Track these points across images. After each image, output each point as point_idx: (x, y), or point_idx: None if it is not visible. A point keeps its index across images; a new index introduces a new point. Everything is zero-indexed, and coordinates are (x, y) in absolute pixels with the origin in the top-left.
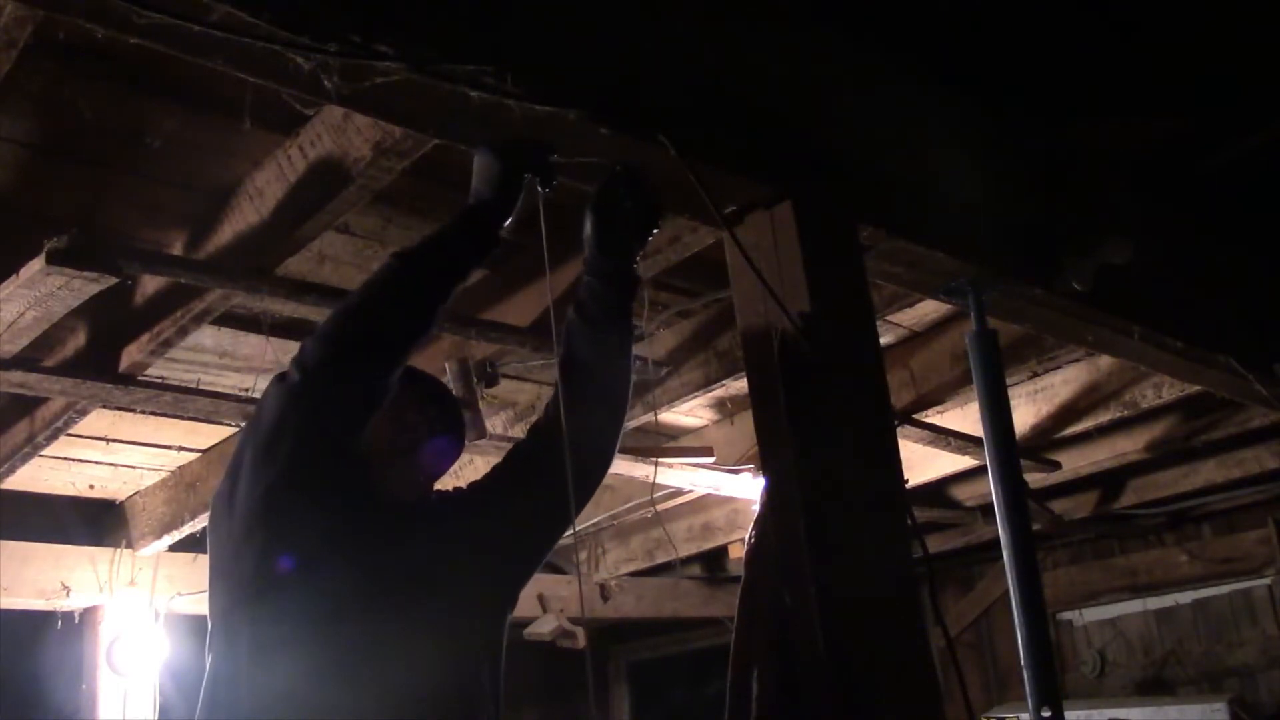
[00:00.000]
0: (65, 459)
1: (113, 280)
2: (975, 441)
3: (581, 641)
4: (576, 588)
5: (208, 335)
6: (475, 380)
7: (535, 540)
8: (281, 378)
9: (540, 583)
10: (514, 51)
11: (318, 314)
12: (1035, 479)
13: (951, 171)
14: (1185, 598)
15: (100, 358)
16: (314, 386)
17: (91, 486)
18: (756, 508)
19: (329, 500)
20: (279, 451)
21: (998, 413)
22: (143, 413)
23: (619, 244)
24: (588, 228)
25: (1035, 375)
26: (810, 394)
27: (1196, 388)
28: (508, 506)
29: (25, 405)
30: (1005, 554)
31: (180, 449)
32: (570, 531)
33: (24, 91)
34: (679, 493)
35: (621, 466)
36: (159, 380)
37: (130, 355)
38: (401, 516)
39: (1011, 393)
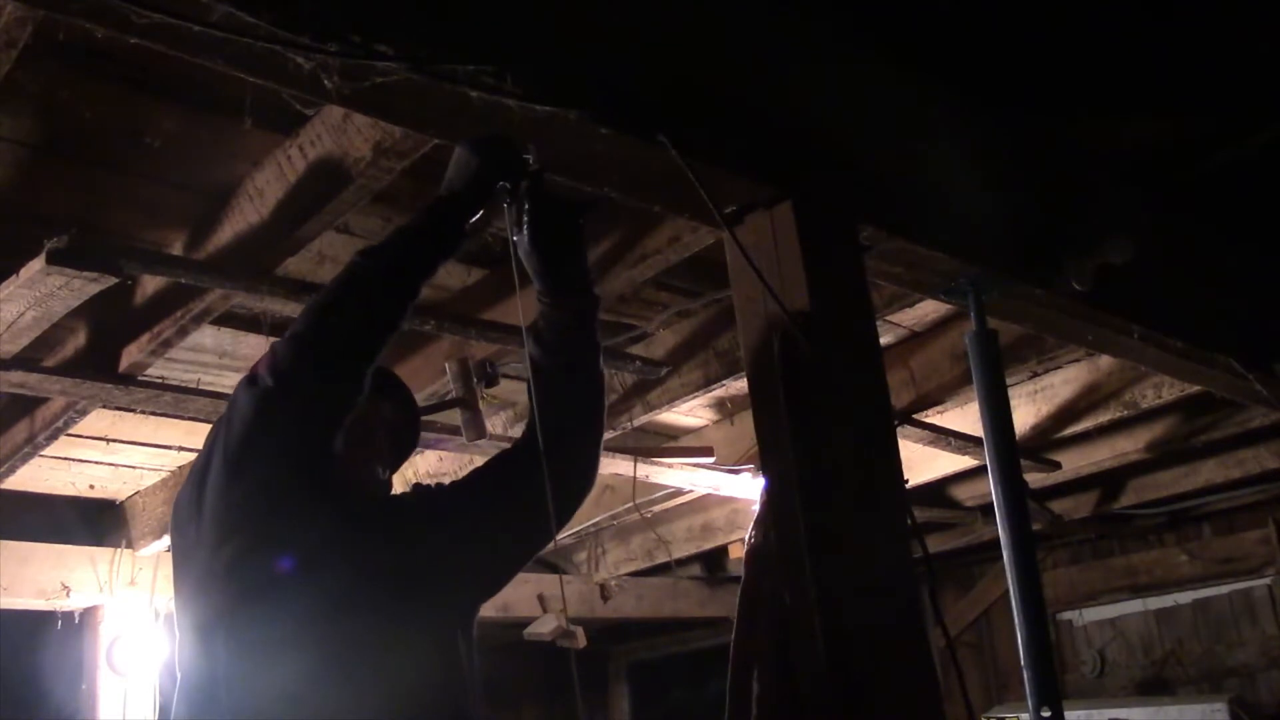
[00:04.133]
0: (65, 459)
1: (113, 280)
2: (975, 441)
3: (582, 641)
4: (576, 587)
5: (208, 335)
6: (475, 380)
7: (513, 548)
8: (252, 381)
9: (540, 583)
10: (514, 51)
11: None
12: (1035, 479)
13: (952, 171)
14: (1185, 598)
15: (100, 358)
16: (290, 391)
17: (91, 486)
18: (756, 508)
19: (308, 503)
20: (254, 458)
21: (998, 413)
22: (143, 413)
23: (547, 261)
24: (518, 253)
25: (1035, 375)
26: (810, 394)
27: (1196, 388)
28: (489, 511)
29: (25, 405)
30: (1005, 554)
31: (180, 449)
32: (551, 545)
33: (24, 91)
34: (679, 493)
35: (621, 466)
36: (159, 380)
37: (130, 355)
38: (381, 513)
39: (1011, 393)
